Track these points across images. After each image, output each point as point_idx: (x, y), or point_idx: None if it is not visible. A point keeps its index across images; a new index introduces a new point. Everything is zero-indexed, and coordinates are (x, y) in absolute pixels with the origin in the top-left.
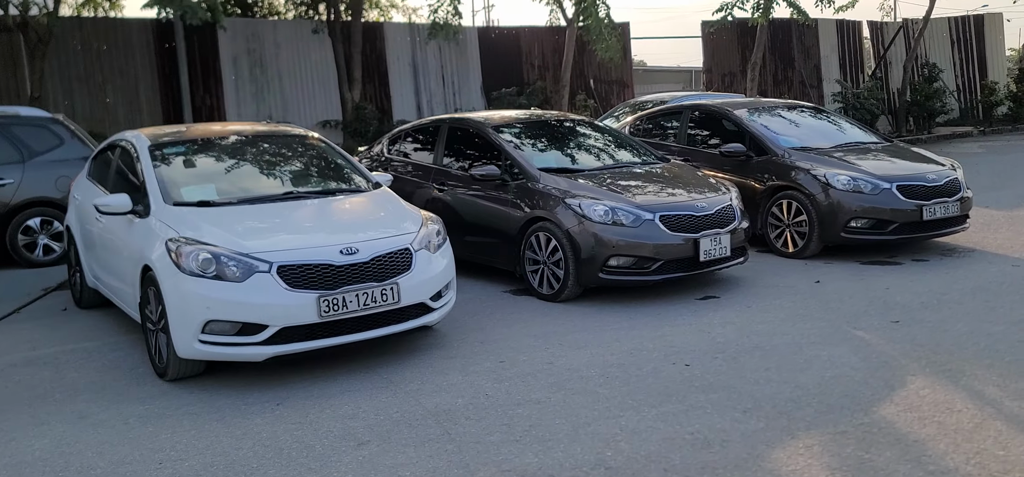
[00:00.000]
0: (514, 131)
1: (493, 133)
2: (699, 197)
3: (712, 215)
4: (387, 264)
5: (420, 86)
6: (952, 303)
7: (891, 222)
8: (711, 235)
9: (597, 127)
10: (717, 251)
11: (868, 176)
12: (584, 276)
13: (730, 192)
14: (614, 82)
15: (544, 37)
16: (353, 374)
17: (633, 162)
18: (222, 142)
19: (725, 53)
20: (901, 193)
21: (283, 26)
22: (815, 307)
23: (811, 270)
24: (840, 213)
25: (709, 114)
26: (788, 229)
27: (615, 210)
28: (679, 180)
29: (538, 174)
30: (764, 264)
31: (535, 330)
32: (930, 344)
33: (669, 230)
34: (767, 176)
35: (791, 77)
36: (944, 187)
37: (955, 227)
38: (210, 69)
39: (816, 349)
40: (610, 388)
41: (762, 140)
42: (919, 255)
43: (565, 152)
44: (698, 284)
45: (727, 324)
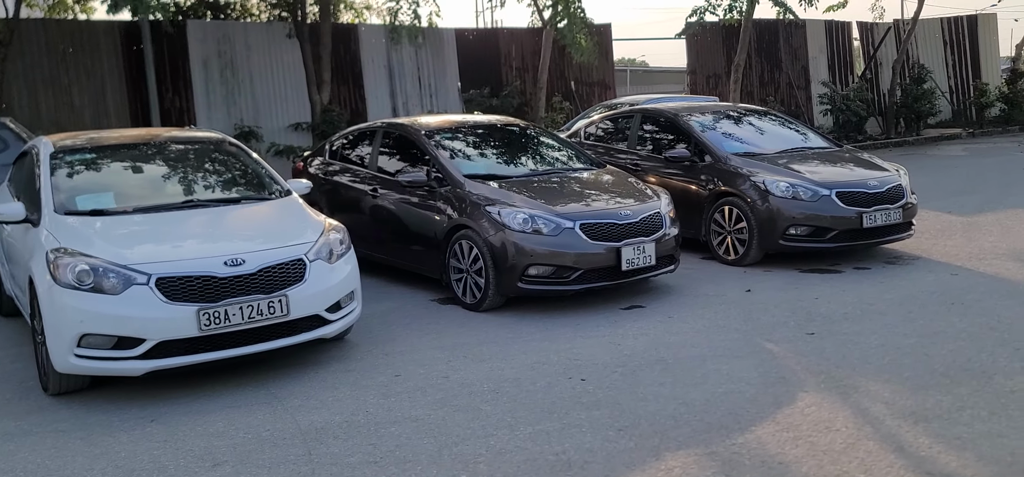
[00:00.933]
0: (446, 136)
1: (424, 138)
2: (624, 205)
3: (636, 223)
4: (276, 275)
5: (396, 88)
6: (875, 314)
7: (830, 230)
8: (635, 244)
9: (539, 133)
10: (641, 260)
11: (807, 182)
12: (504, 285)
13: (659, 199)
14: (595, 84)
15: (523, 38)
16: (240, 389)
17: (566, 169)
18: (131, 148)
19: (710, 54)
20: (841, 200)
21: (254, 28)
22: (736, 318)
23: (747, 278)
24: (779, 220)
25: (658, 118)
26: (729, 236)
27: (535, 218)
28: (607, 187)
29: (463, 180)
30: (702, 272)
31: (447, 341)
32: (836, 358)
33: (590, 239)
34: (710, 182)
35: (778, 79)
36: (886, 194)
37: (898, 235)
38: (179, 72)
39: (719, 363)
40: (495, 405)
41: (706, 145)
42: (862, 262)
43: (497, 158)
44: (627, 293)
45: (641, 336)
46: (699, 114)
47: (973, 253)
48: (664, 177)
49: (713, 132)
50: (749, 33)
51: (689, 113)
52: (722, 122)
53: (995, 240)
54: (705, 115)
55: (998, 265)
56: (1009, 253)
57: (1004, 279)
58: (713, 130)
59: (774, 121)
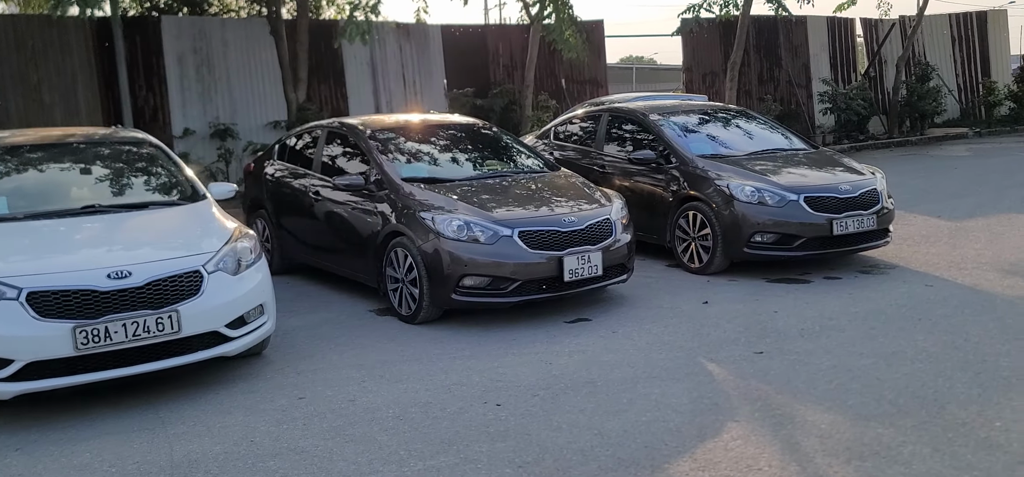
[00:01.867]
0: (391, 137)
1: (365, 139)
2: (569, 211)
3: (582, 231)
4: (167, 289)
5: (379, 86)
6: (834, 330)
7: (797, 237)
8: (579, 253)
9: (496, 133)
10: (586, 271)
11: (774, 187)
12: (438, 297)
13: (610, 205)
14: (587, 82)
15: (513, 35)
16: (126, 412)
17: (517, 172)
18: (42, 150)
19: (706, 52)
20: (809, 205)
21: (232, 24)
22: (684, 333)
23: (708, 289)
24: (743, 226)
25: (626, 118)
26: (694, 243)
27: (471, 225)
28: (556, 192)
29: (400, 183)
30: (663, 281)
31: (369, 358)
32: (780, 381)
33: (529, 247)
34: (675, 185)
35: (778, 76)
36: (859, 199)
37: (872, 242)
38: (153, 68)
39: (651, 386)
40: (393, 434)
41: (672, 146)
42: (834, 272)
43: (443, 160)
44: (574, 305)
45: (577, 353)
46: (668, 114)
47: (954, 262)
48: (630, 179)
49: (680, 133)
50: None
51: (657, 113)
52: (692, 122)
53: (980, 248)
54: (675, 115)
55: (977, 275)
56: (991, 262)
57: (981, 291)
58: (681, 130)
59: (750, 122)
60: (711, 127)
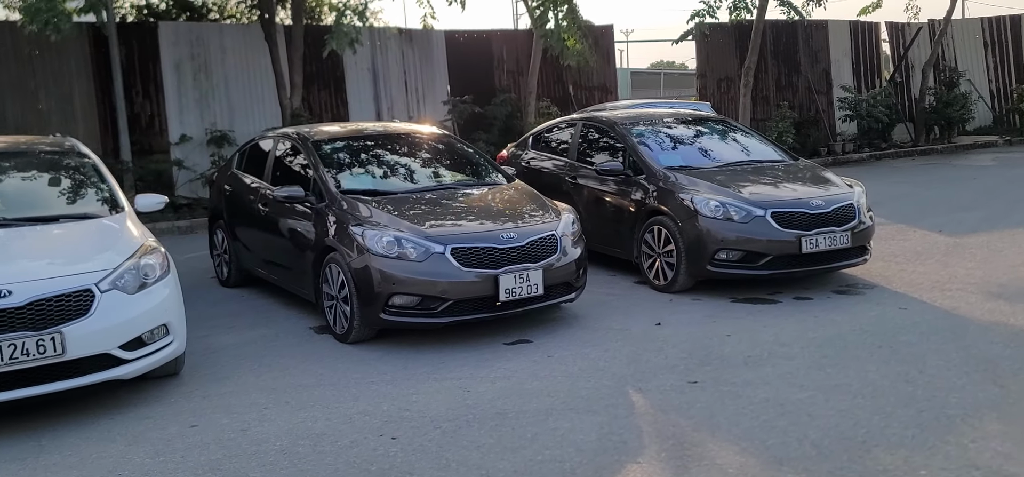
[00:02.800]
0: (338, 147)
1: (309, 148)
2: (511, 227)
3: (522, 248)
4: (51, 308)
5: (380, 92)
6: (783, 358)
7: (763, 255)
8: (517, 271)
9: (452, 143)
10: (524, 290)
11: (740, 201)
12: (368, 316)
13: (558, 219)
14: (595, 88)
15: (519, 41)
16: (5, 440)
17: (464, 184)
18: None
19: (721, 56)
20: (776, 221)
21: (230, 29)
22: (622, 359)
23: (667, 308)
24: (707, 243)
25: (598, 127)
26: (659, 259)
27: (401, 241)
28: (500, 205)
29: (337, 196)
30: (622, 299)
31: (284, 380)
32: (703, 416)
33: (462, 265)
34: (641, 198)
35: (796, 83)
36: (832, 215)
37: (846, 261)
38: (150, 75)
39: (564, 419)
40: (271, 471)
41: (640, 157)
42: (807, 291)
43: (389, 172)
44: (518, 325)
45: (501, 380)
46: (641, 124)
47: (940, 281)
48: (599, 191)
49: (650, 143)
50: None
51: (629, 122)
52: (666, 133)
53: (972, 267)
54: (648, 125)
55: (959, 298)
56: (979, 284)
57: (956, 316)
58: (651, 141)
59: (730, 132)
60: (686, 138)
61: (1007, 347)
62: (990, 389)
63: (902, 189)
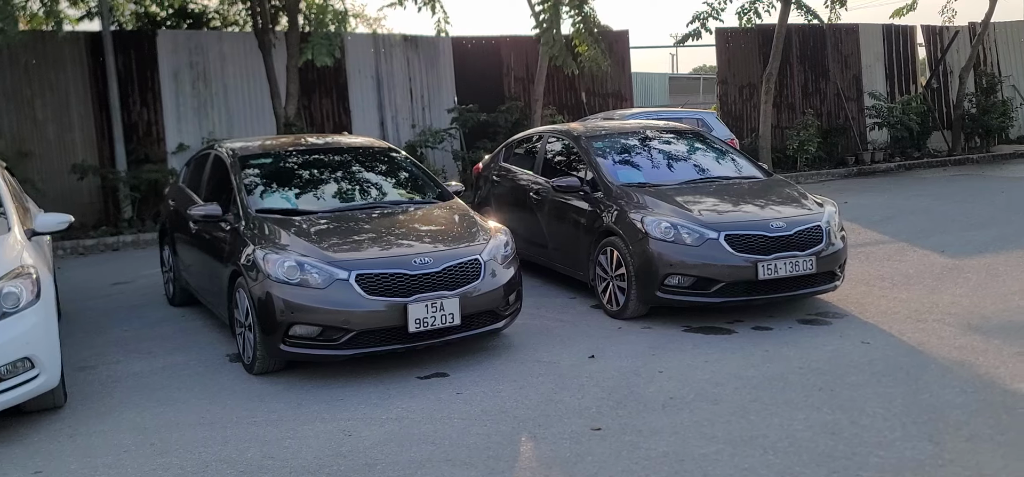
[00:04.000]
0: (263, 163)
1: (233, 165)
2: (428, 250)
3: (437, 274)
4: None
5: (384, 100)
6: (707, 401)
7: (715, 281)
8: (429, 300)
9: (390, 159)
10: (438, 320)
11: (692, 222)
12: (269, 346)
13: (486, 242)
14: (610, 95)
15: (529, 47)
16: None
17: (395, 202)
18: None
19: (743, 62)
20: (730, 245)
21: (230, 37)
22: (534, 399)
23: (611, 338)
24: (657, 267)
25: (561, 140)
26: (611, 283)
27: (303, 265)
28: (425, 227)
29: (253, 216)
30: (567, 327)
31: (168, 418)
32: (587, 473)
33: (367, 293)
34: (597, 216)
35: (824, 89)
36: (794, 238)
37: (811, 288)
38: (148, 84)
39: (433, 472)
40: None
41: (599, 172)
42: (769, 320)
43: (311, 190)
44: (443, 356)
45: (392, 422)
46: (604, 137)
47: (919, 310)
48: (559, 209)
49: (610, 157)
50: (786, 39)
51: (593, 135)
52: (630, 147)
53: (961, 294)
54: (615, 137)
55: (933, 330)
56: (961, 314)
57: (921, 353)
58: (613, 155)
59: (702, 147)
60: (654, 152)
61: (962, 393)
62: (923, 446)
63: (921, 202)
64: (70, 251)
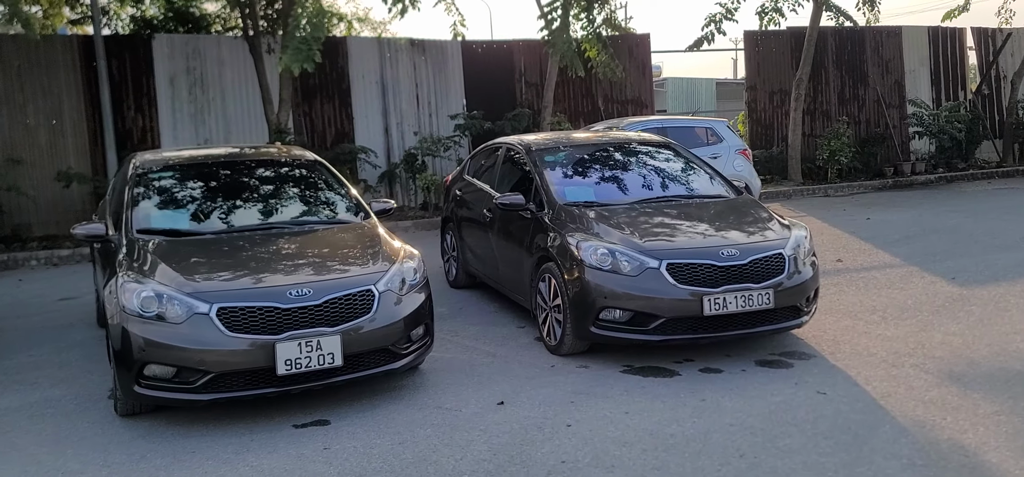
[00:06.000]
0: (162, 176)
1: (131, 179)
2: (308, 280)
3: (316, 308)
4: None
5: (388, 107)
6: (602, 470)
7: (654, 316)
8: (305, 337)
9: (307, 175)
10: (314, 360)
11: (631, 249)
12: (125, 388)
13: (386, 271)
14: (629, 101)
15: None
16: None
17: (297, 222)
18: None
19: (773, 66)
20: (673, 275)
21: (228, 42)
22: (405, 458)
23: (535, 379)
24: (592, 298)
25: (516, 152)
26: (549, 314)
27: (162, 298)
28: (322, 251)
29: (134, 237)
30: (495, 364)
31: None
32: None
33: (229, 330)
34: (538, 238)
35: (862, 95)
36: (748, 269)
37: (769, 325)
38: (143, 89)
39: None
40: None
41: (545, 189)
42: (722, 361)
43: (205, 210)
44: (330, 399)
45: None
46: (563, 148)
47: (900, 352)
48: (506, 229)
49: (562, 173)
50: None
51: (543, 146)
52: (585, 160)
53: (956, 331)
54: (568, 150)
55: (906, 378)
56: (947, 357)
57: (881, 408)
58: (564, 170)
59: (668, 161)
60: (613, 167)
61: (910, 466)
62: None
63: (950, 220)
64: (44, 261)
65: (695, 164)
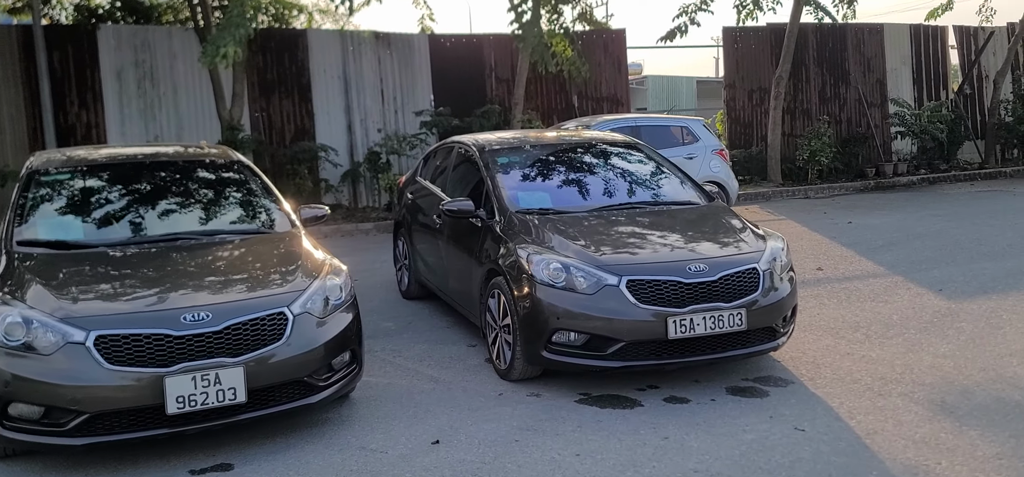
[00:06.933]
0: (69, 179)
1: (25, 182)
2: (208, 301)
3: (217, 334)
4: None
5: (352, 102)
6: None
7: (613, 339)
8: (201, 370)
9: (228, 175)
10: (213, 396)
11: (587, 264)
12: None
13: (307, 287)
14: (604, 99)
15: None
16: None
17: (213, 232)
18: None
19: (753, 64)
20: (633, 294)
21: (181, 34)
22: None
23: (480, 410)
24: (545, 318)
25: (468, 152)
26: (499, 334)
27: (30, 323)
28: (227, 266)
29: (12, 250)
30: (436, 392)
31: None
32: None
33: (108, 362)
34: (487, 249)
35: (844, 94)
36: (718, 286)
37: (741, 349)
38: (87, 83)
39: None
40: None
41: (496, 195)
42: (691, 387)
43: (107, 217)
44: (240, 439)
45: None
46: (515, 148)
47: (887, 378)
48: (453, 237)
49: (514, 175)
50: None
51: (497, 146)
52: (543, 161)
53: (946, 353)
54: (524, 150)
55: (892, 411)
56: (936, 385)
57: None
58: (517, 172)
59: (634, 163)
60: (569, 171)
61: None
62: None
63: (934, 224)
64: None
65: (664, 167)
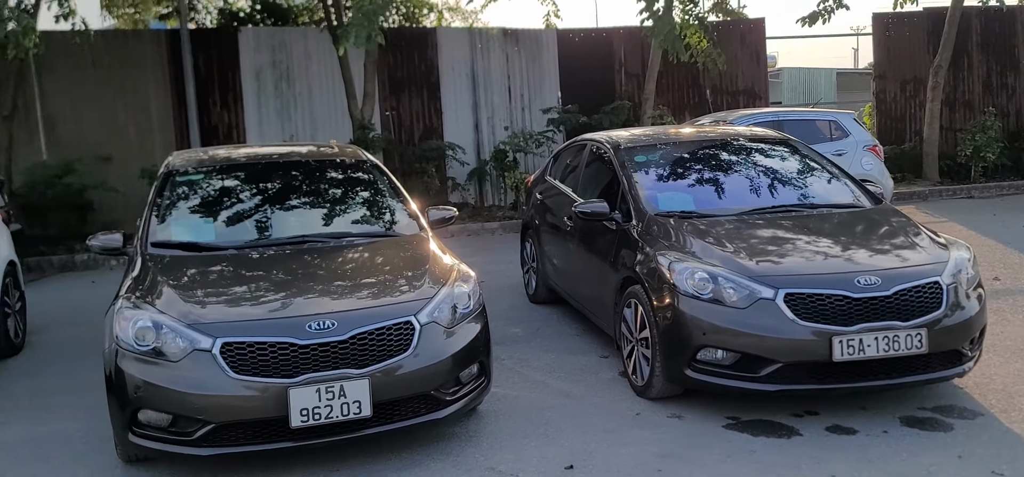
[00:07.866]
0: (201, 180)
1: (160, 183)
2: (333, 309)
3: (341, 344)
4: None
5: (479, 100)
6: None
7: (769, 360)
8: (325, 381)
9: (357, 176)
10: (337, 409)
11: (738, 274)
12: (117, 433)
13: (434, 296)
14: (740, 92)
15: (645, 39)
16: None
17: (326, 237)
18: None
19: (905, 52)
20: (792, 308)
21: (316, 35)
22: None
23: (616, 431)
24: (689, 333)
25: (603, 150)
26: (636, 347)
27: (160, 328)
28: (353, 271)
29: (146, 252)
30: (569, 408)
31: None
32: None
33: (234, 372)
34: (623, 255)
35: (1013, 83)
36: (892, 302)
37: (920, 375)
38: (229, 84)
39: None
40: None
41: (633, 195)
42: (856, 415)
43: (231, 214)
44: (360, 455)
45: None
46: (654, 146)
47: None
48: (586, 241)
49: (653, 175)
50: (957, 23)
51: (634, 144)
52: (685, 160)
53: None
54: (663, 148)
55: None
56: None
57: None
58: (656, 172)
59: (786, 161)
60: (713, 170)
61: None
62: None
63: None
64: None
65: (820, 165)
